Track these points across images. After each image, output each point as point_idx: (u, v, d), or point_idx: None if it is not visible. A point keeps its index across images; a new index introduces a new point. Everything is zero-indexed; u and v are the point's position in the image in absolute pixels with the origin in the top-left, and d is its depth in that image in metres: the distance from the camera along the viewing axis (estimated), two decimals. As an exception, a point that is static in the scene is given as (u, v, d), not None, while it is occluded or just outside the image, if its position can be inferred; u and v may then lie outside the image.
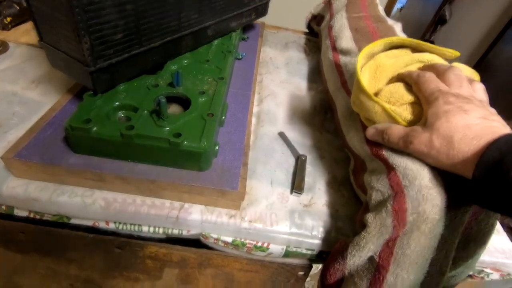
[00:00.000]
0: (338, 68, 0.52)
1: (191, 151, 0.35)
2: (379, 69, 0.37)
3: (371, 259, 0.31)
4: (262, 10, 0.66)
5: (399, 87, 0.35)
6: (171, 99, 0.42)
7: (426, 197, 0.28)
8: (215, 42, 0.56)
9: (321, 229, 0.38)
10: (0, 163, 0.36)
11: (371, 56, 0.39)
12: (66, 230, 0.39)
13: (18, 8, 0.60)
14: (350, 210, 0.41)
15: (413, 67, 0.38)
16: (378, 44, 0.39)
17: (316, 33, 0.84)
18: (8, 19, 0.59)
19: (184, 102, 0.42)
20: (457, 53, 0.39)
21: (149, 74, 0.44)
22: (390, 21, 0.59)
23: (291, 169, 0.44)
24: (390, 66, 0.37)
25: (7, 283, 0.50)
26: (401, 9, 3.11)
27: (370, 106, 0.35)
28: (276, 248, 0.38)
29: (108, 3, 0.32)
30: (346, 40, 0.56)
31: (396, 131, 0.31)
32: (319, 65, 0.71)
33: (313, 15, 0.85)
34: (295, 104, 0.58)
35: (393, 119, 0.33)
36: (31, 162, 0.34)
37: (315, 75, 0.68)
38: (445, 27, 2.42)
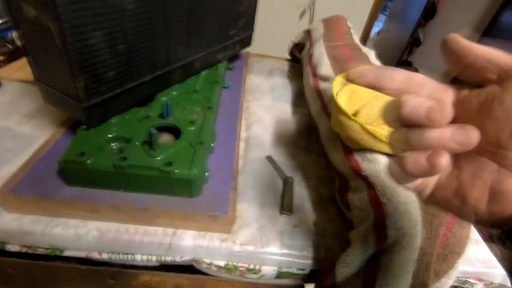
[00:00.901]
0: (319, 93, 0.56)
1: (182, 179, 0.36)
2: (354, 93, 0.41)
3: (357, 275, 0.33)
4: (246, 41, 0.70)
5: (375, 109, 0.38)
6: (162, 129, 0.44)
7: (403, 213, 0.30)
8: (203, 73, 0.59)
9: (310, 249, 0.39)
10: (-7, 199, 0.37)
11: (345, 82, 0.43)
12: (58, 263, 0.39)
13: (10, 47, 0.63)
14: (337, 227, 0.42)
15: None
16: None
17: (298, 59, 0.90)
18: (1, 57, 0.61)
19: (175, 131, 0.44)
20: None
21: (140, 106, 0.46)
22: (364, 49, 0.64)
23: (279, 191, 0.46)
24: (363, 90, 0.41)
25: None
26: (378, 32, 3.29)
27: (349, 125, 0.38)
28: (268, 270, 0.39)
29: (102, 45, 0.35)
30: (325, 67, 0.60)
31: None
32: (302, 90, 0.75)
33: (295, 43, 0.90)
34: (281, 128, 0.61)
35: (372, 136, 0.36)
36: (25, 197, 0.35)
37: (299, 99, 0.71)
38: (420, 48, 2.58)
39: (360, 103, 0.41)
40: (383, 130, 0.36)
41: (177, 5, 0.44)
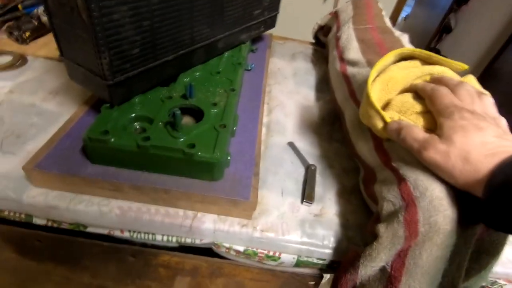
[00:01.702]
0: (346, 78, 0.53)
1: (205, 162, 0.35)
2: (391, 81, 0.38)
3: (383, 269, 0.31)
4: (270, 22, 0.67)
5: (409, 97, 0.36)
6: (184, 111, 0.43)
7: (438, 208, 0.29)
8: (226, 54, 0.57)
9: (332, 239, 0.38)
10: (20, 173, 0.38)
11: (383, 68, 0.40)
12: (82, 239, 0.40)
13: (36, 23, 0.63)
14: (360, 219, 0.41)
15: (424, 80, 0.39)
16: (389, 56, 0.40)
17: (323, 43, 0.86)
18: (27, 33, 0.61)
19: (197, 114, 0.43)
20: (466, 66, 0.39)
21: (163, 86, 0.46)
22: (397, 33, 0.60)
23: (301, 179, 0.45)
24: (401, 78, 0.38)
25: (22, 290, 0.51)
26: (405, 18, 3.13)
27: (378, 120, 0.35)
28: (288, 258, 0.39)
29: (127, 20, 0.34)
30: (353, 51, 0.57)
31: (415, 133, 0.31)
32: (326, 75, 0.72)
33: (320, 26, 0.86)
34: (303, 114, 0.59)
35: None
36: (50, 173, 0.36)
37: (323, 85, 0.69)
38: (450, 35, 2.43)
39: (396, 93, 0.38)
40: (417, 120, 0.34)
41: (204, -19, 0.42)
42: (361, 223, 0.40)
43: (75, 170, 0.36)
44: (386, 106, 0.38)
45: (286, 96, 0.63)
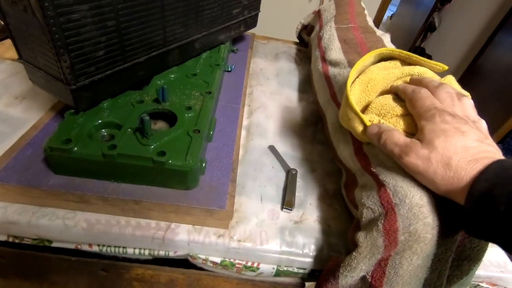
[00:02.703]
0: (328, 79, 0.52)
1: (176, 170, 0.33)
2: (371, 82, 0.37)
3: (363, 279, 0.30)
4: (251, 22, 0.66)
5: (389, 99, 0.35)
6: (157, 116, 0.41)
7: (417, 216, 0.27)
8: (204, 55, 0.55)
9: (312, 247, 0.37)
10: (-23, 186, 0.35)
11: (363, 69, 0.39)
12: (47, 254, 0.38)
13: (2, 23, 0.59)
14: (343, 225, 0.40)
15: (404, 81, 0.37)
16: (368, 56, 0.39)
17: (306, 43, 0.85)
18: (-8, 34, 0.58)
19: (171, 118, 0.41)
20: (446, 67, 0.39)
21: (135, 89, 0.43)
22: (378, 32, 0.60)
23: (281, 184, 0.43)
24: (381, 80, 0.37)
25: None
26: (391, 16, 3.16)
27: (357, 123, 0.34)
28: (267, 268, 0.37)
29: (88, 21, 0.32)
30: (335, 51, 0.56)
31: (396, 138, 0.30)
32: (309, 75, 0.70)
33: (303, 25, 0.85)
34: (286, 116, 0.57)
35: None
36: (9, 185, 0.33)
37: (306, 86, 0.67)
38: (434, 34, 2.47)
39: (376, 94, 0.37)
40: (397, 123, 0.33)
41: (175, -22, 0.40)
42: (343, 229, 0.39)
43: (36, 182, 0.34)
44: (366, 108, 0.36)
45: (268, 97, 0.61)
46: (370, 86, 0.37)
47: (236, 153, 0.42)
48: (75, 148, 0.32)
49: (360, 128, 0.34)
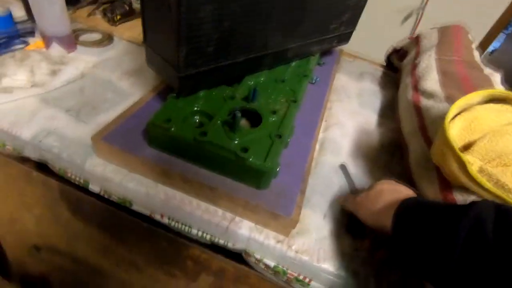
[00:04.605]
0: (418, 110, 0.49)
1: (255, 168, 0.35)
2: (475, 121, 0.34)
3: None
4: (344, 37, 0.65)
5: (497, 145, 0.31)
6: (242, 113, 0.44)
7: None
8: (293, 63, 0.56)
9: (371, 279, 0.35)
10: (88, 142, 0.41)
11: (466, 107, 0.36)
12: (125, 214, 0.42)
13: (127, 8, 0.69)
14: (407, 267, 0.37)
15: None
16: (475, 95, 0.36)
17: (394, 67, 0.81)
18: (118, 16, 0.67)
19: (254, 118, 0.43)
20: None
21: (227, 85, 0.46)
22: (487, 70, 0.54)
23: (347, 206, 0.42)
24: (490, 121, 0.34)
25: (67, 244, 0.56)
26: (492, 52, 2.82)
27: (452, 161, 0.32)
28: (317, 287, 0.36)
29: (210, 19, 0.35)
30: (431, 82, 0.52)
31: None
32: (393, 101, 0.67)
33: (395, 49, 0.81)
34: (362, 138, 0.55)
35: (478, 185, 0.29)
36: (113, 147, 0.38)
37: (388, 111, 0.64)
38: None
39: (480, 134, 0.34)
40: (505, 175, 0.29)
41: (288, -11, 0.42)
42: (406, 271, 0.36)
43: (133, 149, 0.38)
44: (466, 148, 0.33)
45: (346, 115, 0.60)
46: (473, 125, 0.34)
47: (308, 165, 0.43)
48: (172, 128, 0.36)
49: (454, 166, 0.31)
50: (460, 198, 0.31)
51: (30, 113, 0.45)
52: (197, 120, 0.41)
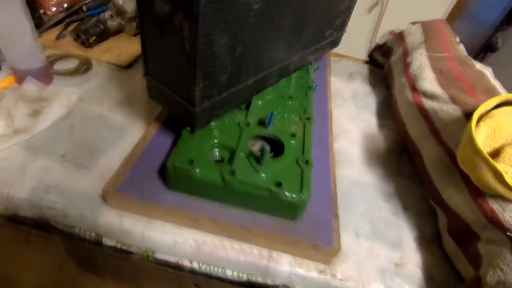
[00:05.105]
0: (423, 112, 0.50)
1: (291, 202, 0.33)
2: (499, 128, 0.35)
3: None
4: (336, 42, 0.65)
5: None
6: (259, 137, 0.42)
7: None
8: (294, 75, 0.55)
9: (417, 294, 0.35)
10: (96, 192, 0.37)
11: (484, 113, 0.37)
12: (145, 261, 0.39)
13: (102, 27, 0.63)
14: (444, 275, 0.38)
15: None
16: (493, 100, 0.37)
17: (379, 63, 0.82)
18: (93, 38, 0.61)
19: (273, 142, 0.41)
20: None
21: (235, 107, 0.44)
22: (477, 65, 0.56)
23: (376, 220, 0.42)
24: (510, 126, 0.35)
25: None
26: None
27: (485, 171, 0.32)
28: (365, 310, 0.36)
29: (224, 48, 0.32)
30: (429, 82, 0.53)
31: None
32: (387, 100, 0.68)
33: (378, 45, 0.83)
34: (368, 143, 0.56)
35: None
36: (130, 198, 0.35)
37: (384, 111, 0.65)
38: (495, 54, 2.31)
39: (504, 141, 0.35)
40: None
41: (294, 4, 0.40)
42: (446, 279, 0.37)
43: (153, 197, 0.35)
44: (492, 155, 0.34)
45: (348, 121, 0.60)
46: (497, 132, 0.35)
47: (333, 185, 0.42)
48: (197, 170, 0.33)
49: (488, 176, 0.32)
50: (497, 207, 0.32)
51: (20, 166, 0.39)
52: (217, 153, 0.38)
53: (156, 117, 0.46)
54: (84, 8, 0.70)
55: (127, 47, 0.65)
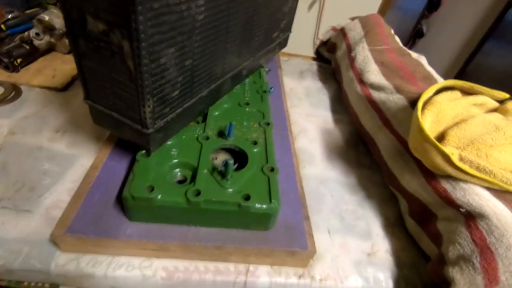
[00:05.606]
0: (373, 104, 0.53)
1: (261, 213, 0.33)
2: (441, 113, 0.38)
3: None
4: (284, 42, 0.66)
5: (465, 131, 0.35)
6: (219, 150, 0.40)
7: (520, 256, 0.28)
8: (247, 80, 0.54)
9: (390, 281, 0.37)
10: (43, 237, 0.33)
11: (427, 100, 0.40)
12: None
13: (28, 48, 0.56)
14: (412, 256, 0.40)
15: (469, 110, 0.38)
16: (433, 88, 0.40)
17: (326, 59, 0.85)
18: (19, 60, 0.54)
19: (235, 152, 0.40)
20: (507, 95, 0.40)
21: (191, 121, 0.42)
22: (414, 54, 0.61)
23: (344, 214, 0.43)
24: (450, 110, 0.38)
25: None
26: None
27: (434, 155, 0.35)
28: (347, 305, 0.37)
29: (172, 63, 0.30)
30: (374, 74, 0.57)
31: None
32: (338, 94, 0.71)
33: (322, 41, 0.86)
34: (327, 139, 0.57)
35: (465, 173, 0.33)
36: (85, 237, 0.31)
37: (337, 105, 0.68)
38: (422, 40, 2.55)
39: (446, 125, 0.38)
40: (481, 158, 0.33)
41: (239, 10, 0.39)
42: (413, 261, 0.39)
43: (113, 232, 0.32)
44: (440, 139, 0.37)
45: (305, 120, 0.61)
46: (440, 117, 0.38)
47: (300, 186, 0.42)
48: (159, 196, 0.31)
49: (438, 159, 0.34)
50: (449, 186, 0.35)
51: None
52: (178, 174, 0.36)
53: (106, 139, 0.42)
54: (3, 26, 0.62)
55: (61, 66, 0.59)
